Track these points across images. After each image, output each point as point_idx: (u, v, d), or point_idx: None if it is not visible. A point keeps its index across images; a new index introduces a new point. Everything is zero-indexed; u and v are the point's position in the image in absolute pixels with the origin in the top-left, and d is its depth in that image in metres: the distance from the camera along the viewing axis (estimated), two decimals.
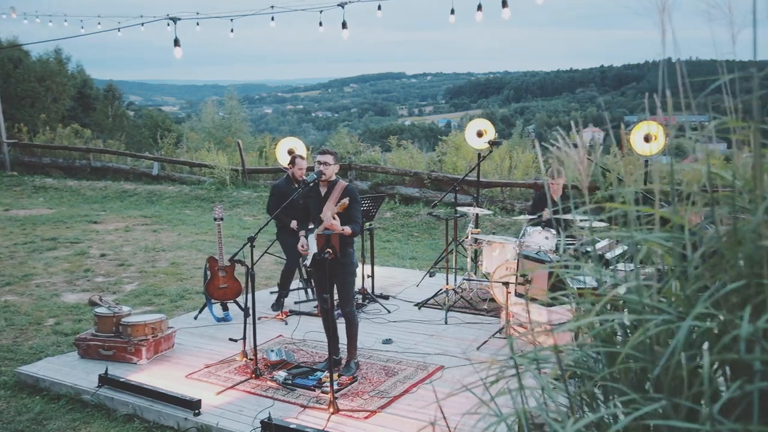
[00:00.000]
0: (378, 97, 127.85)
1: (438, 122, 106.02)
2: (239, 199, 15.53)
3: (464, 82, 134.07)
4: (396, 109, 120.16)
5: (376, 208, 8.44)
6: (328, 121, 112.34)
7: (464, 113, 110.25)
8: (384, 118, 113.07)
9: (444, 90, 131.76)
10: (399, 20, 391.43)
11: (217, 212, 8.00)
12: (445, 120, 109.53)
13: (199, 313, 7.84)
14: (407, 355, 6.60)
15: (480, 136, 10.10)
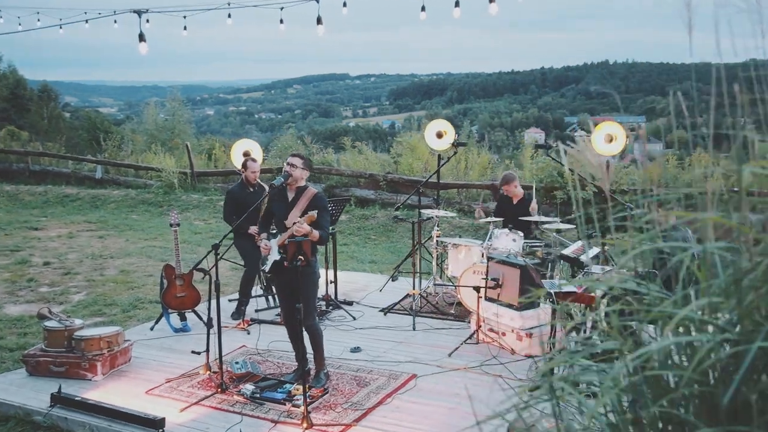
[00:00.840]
0: (322, 99, 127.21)
1: (382, 123, 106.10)
2: (189, 203, 15.07)
3: (408, 84, 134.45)
4: (340, 110, 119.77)
5: (339, 211, 8.22)
6: (271, 123, 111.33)
7: (408, 114, 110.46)
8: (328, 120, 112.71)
9: (388, 91, 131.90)
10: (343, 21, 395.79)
11: (173, 218, 7.66)
12: (389, 121, 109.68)
13: (155, 324, 7.48)
14: (378, 364, 6.38)
15: (440, 137, 9.93)
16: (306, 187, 5.81)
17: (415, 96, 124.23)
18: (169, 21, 12.44)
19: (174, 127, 33.92)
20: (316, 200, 5.74)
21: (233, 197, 7.86)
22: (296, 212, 5.70)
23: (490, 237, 7.75)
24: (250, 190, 7.90)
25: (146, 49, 10.15)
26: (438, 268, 8.43)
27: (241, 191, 7.88)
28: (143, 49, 10.17)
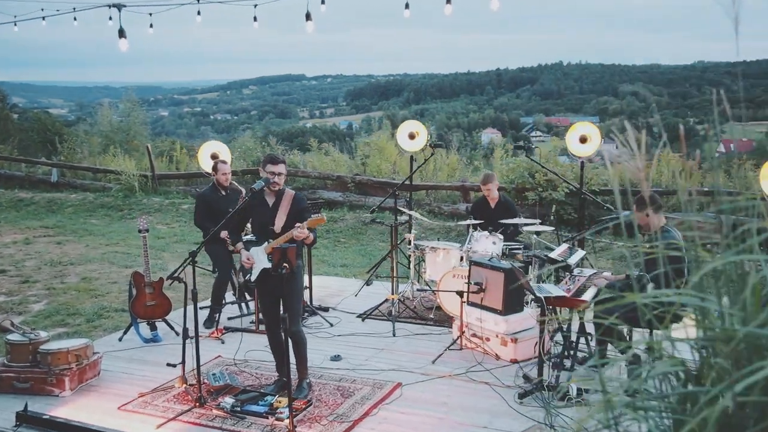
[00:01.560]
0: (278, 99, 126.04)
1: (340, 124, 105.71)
2: (150, 207, 14.64)
3: (364, 84, 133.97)
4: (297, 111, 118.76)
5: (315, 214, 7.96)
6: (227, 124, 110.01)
7: (365, 115, 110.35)
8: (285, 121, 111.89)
9: (345, 92, 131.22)
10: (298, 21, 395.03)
11: (142, 223, 7.34)
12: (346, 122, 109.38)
13: (124, 334, 7.16)
14: (360, 373, 6.18)
15: (412, 138, 9.78)
16: (284, 190, 5.60)
17: (372, 97, 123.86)
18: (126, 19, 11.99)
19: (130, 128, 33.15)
20: (298, 202, 5.56)
21: (205, 201, 7.58)
22: (281, 216, 5.49)
23: (470, 240, 7.60)
24: (221, 194, 7.63)
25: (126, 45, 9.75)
26: (415, 271, 8.26)
27: (213, 194, 7.61)
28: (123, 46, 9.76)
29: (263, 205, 5.60)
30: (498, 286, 6.46)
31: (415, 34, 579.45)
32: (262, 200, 5.60)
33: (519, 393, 5.56)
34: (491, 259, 6.77)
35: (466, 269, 7.30)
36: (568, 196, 11.01)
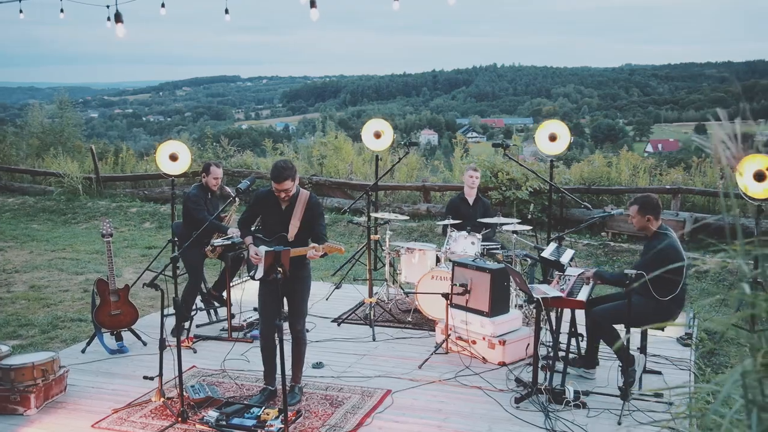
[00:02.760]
0: (213, 101, 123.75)
1: (276, 126, 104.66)
2: (96, 211, 13.99)
3: (301, 86, 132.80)
4: (232, 112, 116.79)
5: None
6: (160, 126, 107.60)
7: (302, 117, 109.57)
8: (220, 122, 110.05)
9: (281, 93, 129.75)
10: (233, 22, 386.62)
11: (106, 228, 6.94)
12: (283, 124, 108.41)
13: (87, 346, 6.71)
14: (346, 380, 5.93)
15: (378, 137, 9.57)
16: (298, 192, 5.27)
17: (308, 98, 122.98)
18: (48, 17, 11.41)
19: (63, 130, 31.97)
20: (313, 207, 5.26)
21: (198, 199, 7.17)
22: (295, 222, 5.20)
23: (448, 240, 7.43)
24: (209, 197, 7.28)
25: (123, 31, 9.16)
26: (391, 274, 8.04)
27: (203, 196, 7.24)
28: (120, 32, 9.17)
29: (275, 207, 5.27)
30: (484, 288, 6.32)
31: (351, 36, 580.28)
32: (275, 202, 5.26)
33: (515, 397, 5.41)
34: (475, 260, 6.62)
35: (445, 270, 7.14)
36: (532, 195, 10.97)
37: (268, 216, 5.35)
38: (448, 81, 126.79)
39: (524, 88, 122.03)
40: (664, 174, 11.53)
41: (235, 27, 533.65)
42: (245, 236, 5.44)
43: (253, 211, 5.45)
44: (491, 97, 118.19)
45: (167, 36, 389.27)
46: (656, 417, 5.13)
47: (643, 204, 5.60)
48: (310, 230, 5.28)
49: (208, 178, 7.24)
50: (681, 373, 6.02)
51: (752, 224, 10.04)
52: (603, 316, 5.57)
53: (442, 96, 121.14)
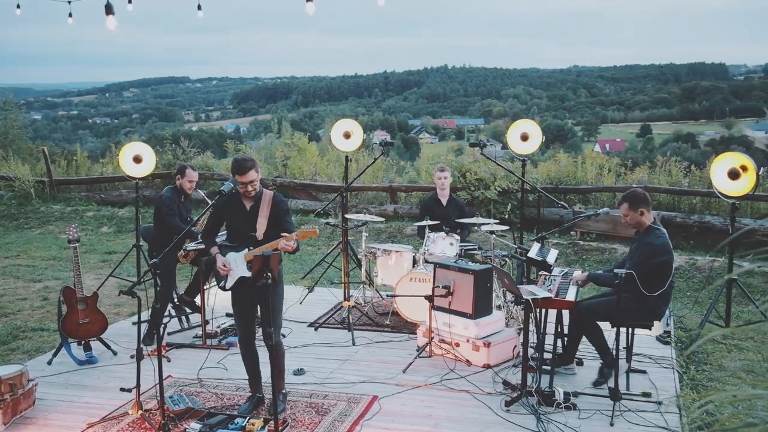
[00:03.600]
0: (161, 102, 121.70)
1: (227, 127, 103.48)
2: (50, 215, 13.48)
3: (251, 87, 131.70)
4: (182, 114, 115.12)
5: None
6: (107, 128, 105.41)
7: (253, 118, 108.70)
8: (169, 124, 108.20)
9: (231, 95, 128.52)
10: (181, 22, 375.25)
11: (72, 233, 6.63)
12: (234, 125, 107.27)
13: (53, 357, 6.40)
14: (330, 387, 5.77)
15: (347, 137, 9.43)
16: (262, 191, 5.12)
17: (259, 99, 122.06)
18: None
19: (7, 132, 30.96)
20: (278, 204, 5.12)
21: (170, 203, 6.92)
22: (262, 221, 5.04)
23: (426, 242, 7.32)
24: (182, 200, 7.03)
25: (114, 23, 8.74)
26: (367, 276, 7.89)
27: (176, 199, 6.98)
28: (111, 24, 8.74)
29: (239, 208, 5.11)
30: (467, 289, 6.22)
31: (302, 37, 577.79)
32: (238, 203, 5.11)
33: (506, 401, 5.32)
34: (457, 261, 6.52)
35: (424, 272, 7.04)
36: (501, 195, 10.95)
37: (233, 218, 5.18)
38: (399, 82, 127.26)
39: (475, 89, 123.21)
40: (629, 173, 11.64)
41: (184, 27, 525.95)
42: (210, 247, 5.24)
43: (218, 217, 5.26)
44: (442, 98, 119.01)
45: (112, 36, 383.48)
46: (647, 417, 5.10)
47: (632, 199, 5.58)
48: (278, 228, 5.11)
49: (183, 181, 7.00)
50: (665, 371, 6.02)
51: (718, 222, 10.20)
52: (589, 311, 5.53)
53: (393, 97, 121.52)
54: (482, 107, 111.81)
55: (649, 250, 5.39)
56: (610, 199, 11.16)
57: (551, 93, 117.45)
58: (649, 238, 5.47)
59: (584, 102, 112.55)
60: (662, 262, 5.38)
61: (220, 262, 5.08)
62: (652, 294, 5.33)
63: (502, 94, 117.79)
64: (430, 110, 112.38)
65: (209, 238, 5.30)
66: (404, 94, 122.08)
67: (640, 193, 5.68)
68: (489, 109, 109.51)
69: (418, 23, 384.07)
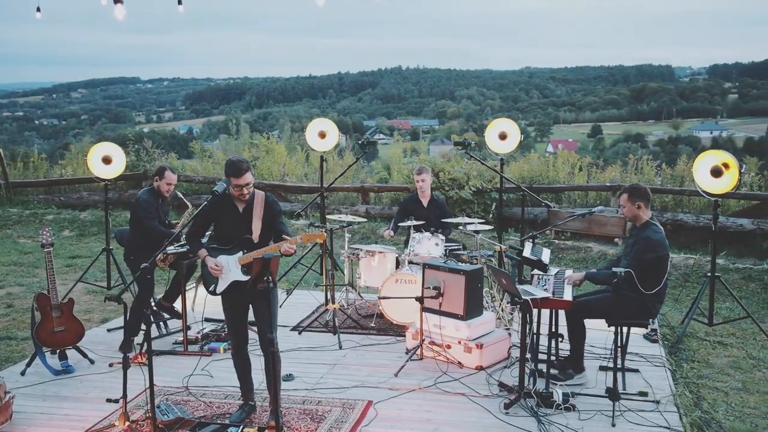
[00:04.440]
0: (111, 103, 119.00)
1: (179, 129, 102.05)
2: (7, 219, 12.94)
3: (204, 88, 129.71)
4: (132, 115, 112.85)
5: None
6: (55, 129, 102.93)
7: (206, 119, 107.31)
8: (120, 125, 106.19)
9: (183, 96, 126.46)
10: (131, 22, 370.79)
11: (45, 236, 6.35)
12: (186, 126, 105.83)
13: (27, 367, 6.10)
14: (322, 392, 5.61)
15: (323, 137, 9.29)
16: (253, 193, 4.94)
17: (212, 100, 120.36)
18: None
19: None
20: (271, 205, 4.95)
21: (148, 206, 6.66)
22: (257, 222, 4.86)
23: (412, 242, 7.20)
24: (159, 203, 6.77)
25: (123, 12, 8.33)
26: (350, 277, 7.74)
27: (154, 202, 6.72)
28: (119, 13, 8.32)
29: (231, 210, 4.91)
30: (458, 290, 6.12)
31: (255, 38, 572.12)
32: (230, 205, 4.91)
33: (504, 403, 5.23)
34: (447, 262, 6.42)
35: (409, 273, 6.93)
36: (475, 194, 10.90)
37: (224, 221, 4.97)
38: (354, 83, 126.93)
39: (429, 90, 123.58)
40: (600, 172, 11.73)
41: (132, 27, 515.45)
42: (197, 249, 5.02)
43: (206, 218, 5.02)
44: (397, 99, 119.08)
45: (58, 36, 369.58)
46: (647, 416, 5.07)
47: (632, 191, 5.59)
48: (272, 230, 4.95)
49: (161, 183, 6.75)
50: (657, 370, 6.01)
51: (691, 219, 10.32)
52: (584, 308, 5.48)
53: (348, 98, 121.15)
54: (436, 108, 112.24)
55: (646, 244, 5.38)
56: (582, 198, 11.21)
57: (504, 94, 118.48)
58: (646, 233, 5.46)
59: (536, 103, 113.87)
60: (659, 258, 5.38)
61: (212, 263, 4.87)
62: (648, 292, 5.31)
63: (456, 95, 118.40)
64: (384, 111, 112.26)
65: (196, 240, 5.07)
66: (359, 95, 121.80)
67: (642, 187, 5.69)
68: (443, 110, 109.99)
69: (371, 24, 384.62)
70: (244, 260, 4.84)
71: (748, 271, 8.91)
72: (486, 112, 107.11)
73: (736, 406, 5.44)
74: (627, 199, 5.59)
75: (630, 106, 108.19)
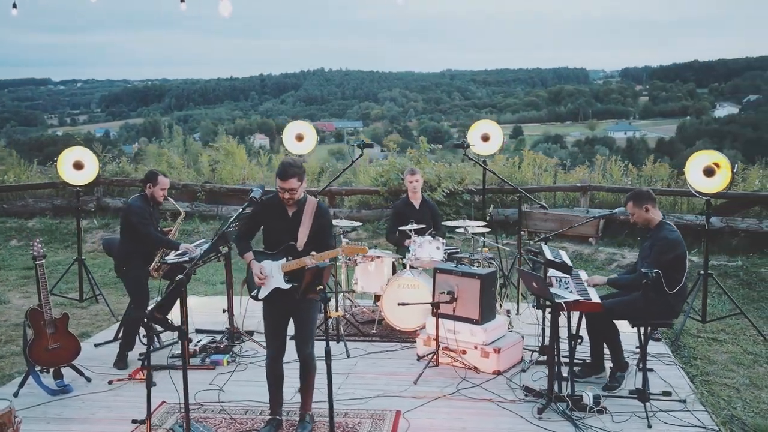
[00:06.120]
0: (20, 105, 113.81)
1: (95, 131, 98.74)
2: None
3: (120, 90, 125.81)
4: (44, 118, 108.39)
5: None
6: None
7: (123, 122, 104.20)
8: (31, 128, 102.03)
9: (98, 98, 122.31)
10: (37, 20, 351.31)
11: (37, 248, 5.94)
12: (103, 129, 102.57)
13: (20, 388, 5.69)
14: (344, 404, 5.43)
15: (300, 140, 9.08)
16: (305, 198, 4.74)
17: (129, 102, 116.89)
18: None
19: None
20: (323, 214, 4.76)
21: (143, 212, 6.30)
22: (304, 230, 4.66)
23: (413, 246, 7.07)
24: (151, 209, 6.42)
25: (229, 8, 7.69)
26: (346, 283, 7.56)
27: (147, 207, 6.36)
28: (225, 10, 7.67)
29: (281, 214, 4.71)
30: (473, 294, 6.06)
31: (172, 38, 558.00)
32: (281, 209, 4.70)
33: (538, 408, 5.18)
34: (458, 266, 6.34)
35: (411, 278, 6.82)
36: (447, 197, 10.87)
37: (273, 224, 4.79)
38: (276, 85, 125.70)
39: (352, 92, 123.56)
40: (565, 173, 11.89)
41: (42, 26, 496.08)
42: (244, 252, 4.83)
43: (256, 220, 4.87)
44: (320, 101, 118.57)
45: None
46: (679, 416, 5.11)
47: (635, 197, 5.64)
48: (318, 240, 4.77)
49: (155, 189, 6.40)
50: (670, 368, 6.08)
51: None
52: (611, 308, 5.47)
53: (271, 100, 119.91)
54: (360, 110, 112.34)
55: (665, 244, 5.42)
56: (550, 199, 11.33)
57: (426, 96, 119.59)
58: (663, 233, 5.50)
59: (458, 105, 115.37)
60: (677, 257, 5.43)
61: (257, 269, 4.68)
62: (671, 291, 5.36)
63: (380, 97, 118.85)
64: (308, 113, 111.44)
65: (244, 242, 4.87)
66: (281, 97, 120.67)
67: (644, 190, 5.74)
68: (367, 112, 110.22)
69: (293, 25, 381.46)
70: (287, 268, 4.64)
71: (723, 268, 9.18)
72: (409, 113, 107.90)
73: (752, 402, 5.55)
74: (633, 205, 5.62)
75: (548, 107, 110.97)
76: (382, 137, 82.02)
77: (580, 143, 79.14)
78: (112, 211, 12.71)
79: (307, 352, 4.88)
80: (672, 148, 61.84)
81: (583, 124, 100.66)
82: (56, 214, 12.72)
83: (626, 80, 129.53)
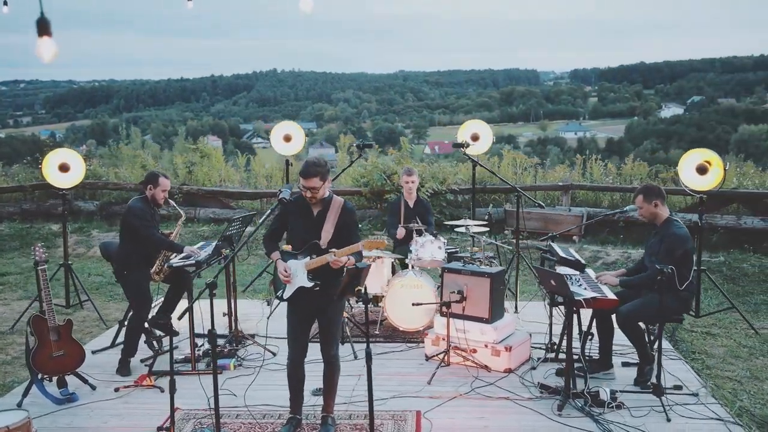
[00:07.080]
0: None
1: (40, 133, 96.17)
2: None
3: (66, 91, 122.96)
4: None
5: (244, 229, 6.88)
6: None
7: (70, 123, 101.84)
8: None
9: (43, 99, 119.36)
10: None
11: (39, 254, 5.73)
12: (48, 131, 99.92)
13: (23, 398, 5.50)
14: (361, 406, 5.37)
15: (288, 141, 9.02)
16: (331, 197, 4.69)
17: (76, 104, 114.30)
18: None
19: None
20: (348, 213, 4.70)
21: (142, 214, 6.14)
22: (328, 228, 4.62)
23: (414, 246, 7.06)
24: (152, 211, 6.26)
25: (311, 5, 7.37)
26: None
27: (148, 210, 6.21)
28: (306, 6, 7.35)
29: (306, 213, 4.65)
30: (483, 293, 6.07)
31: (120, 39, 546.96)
32: (307, 208, 4.64)
33: (557, 405, 5.22)
34: (467, 265, 6.35)
35: (414, 278, 6.81)
36: (431, 197, 10.88)
37: (298, 223, 4.74)
38: (228, 86, 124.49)
39: (305, 93, 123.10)
40: (545, 172, 12.03)
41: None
42: (271, 252, 4.77)
43: (282, 221, 4.81)
44: (273, 102, 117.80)
45: None
46: (695, 409, 5.20)
47: (646, 192, 5.70)
48: (343, 239, 4.72)
49: (156, 191, 6.26)
50: (675, 362, 6.18)
51: None
52: (631, 313, 5.53)
53: (223, 101, 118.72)
54: (314, 111, 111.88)
55: (674, 240, 5.50)
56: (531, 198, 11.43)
57: (380, 97, 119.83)
58: (671, 230, 5.58)
59: (412, 105, 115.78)
60: (686, 253, 5.52)
61: (282, 267, 4.61)
62: (681, 287, 5.45)
63: (333, 98, 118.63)
64: (261, 114, 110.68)
65: (272, 242, 4.83)
66: (234, 98, 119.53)
67: (655, 186, 5.83)
68: (321, 113, 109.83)
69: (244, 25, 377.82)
70: (310, 266, 4.58)
71: (706, 263, 9.37)
72: (363, 114, 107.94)
73: (756, 394, 5.67)
74: (643, 200, 5.69)
75: (501, 108, 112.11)
76: (335, 139, 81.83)
77: (532, 143, 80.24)
78: (85, 215, 12.40)
79: (332, 354, 4.84)
80: (621, 148, 63.24)
81: (534, 125, 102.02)
82: (25, 218, 12.35)
83: (575, 81, 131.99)
